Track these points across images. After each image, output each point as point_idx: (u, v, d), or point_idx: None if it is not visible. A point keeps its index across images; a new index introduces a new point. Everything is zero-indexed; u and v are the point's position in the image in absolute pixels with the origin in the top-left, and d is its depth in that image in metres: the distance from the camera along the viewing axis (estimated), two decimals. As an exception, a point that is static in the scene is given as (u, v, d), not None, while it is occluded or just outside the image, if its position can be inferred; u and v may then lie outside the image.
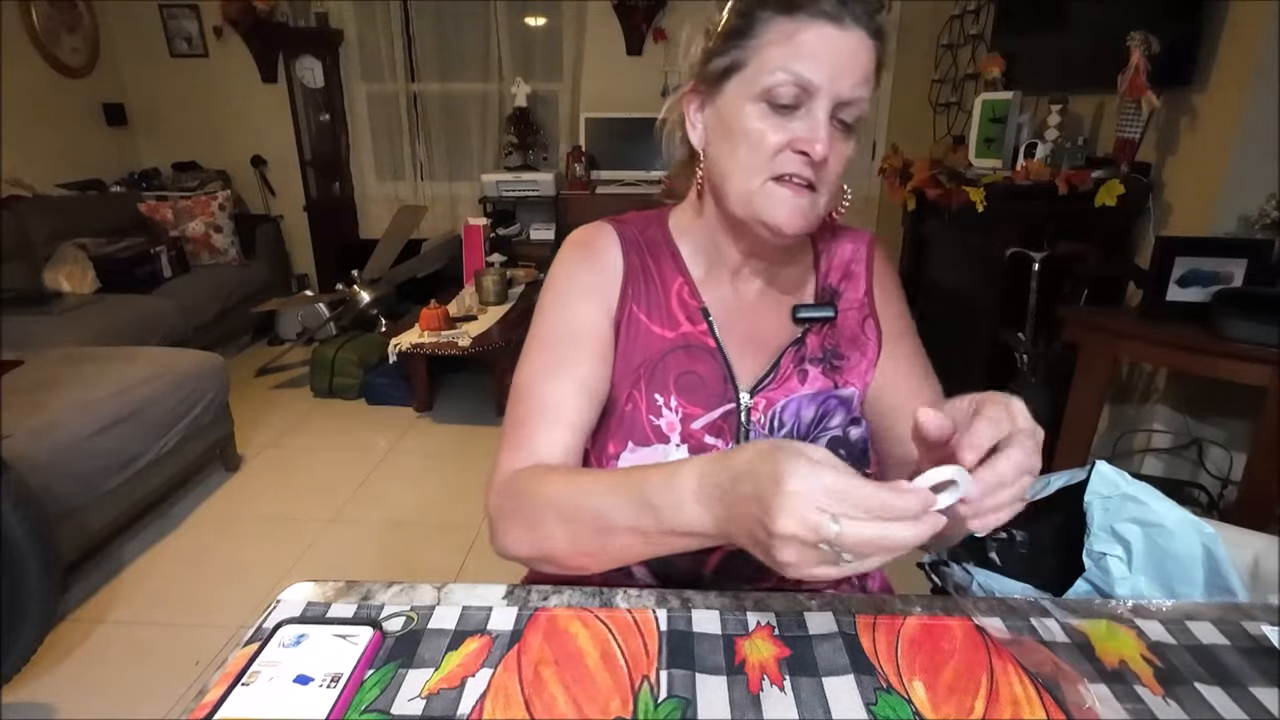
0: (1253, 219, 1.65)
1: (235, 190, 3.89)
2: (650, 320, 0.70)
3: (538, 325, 0.70)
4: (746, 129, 0.61)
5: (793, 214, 0.61)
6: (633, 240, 0.73)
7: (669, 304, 0.71)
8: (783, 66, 0.58)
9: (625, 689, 0.49)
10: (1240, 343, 1.48)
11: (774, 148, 0.60)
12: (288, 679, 0.49)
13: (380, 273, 3.37)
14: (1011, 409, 0.47)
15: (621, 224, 0.74)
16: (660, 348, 0.69)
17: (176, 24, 3.80)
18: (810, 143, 0.58)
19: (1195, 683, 0.51)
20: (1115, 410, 2.05)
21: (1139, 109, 1.81)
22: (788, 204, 0.61)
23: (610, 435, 0.69)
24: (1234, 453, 1.77)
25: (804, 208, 0.61)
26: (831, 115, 0.59)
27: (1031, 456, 0.46)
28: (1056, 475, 1.03)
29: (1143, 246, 1.93)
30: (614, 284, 0.71)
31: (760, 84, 0.60)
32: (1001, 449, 0.46)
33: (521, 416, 0.65)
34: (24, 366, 2.02)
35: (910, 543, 0.41)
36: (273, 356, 3.42)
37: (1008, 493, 0.46)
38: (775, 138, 0.60)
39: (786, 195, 0.61)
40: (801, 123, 0.59)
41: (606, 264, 0.71)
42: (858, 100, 0.59)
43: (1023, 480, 0.46)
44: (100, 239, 3.11)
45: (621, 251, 0.72)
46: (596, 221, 0.75)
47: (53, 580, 1.54)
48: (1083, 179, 1.86)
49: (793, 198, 0.61)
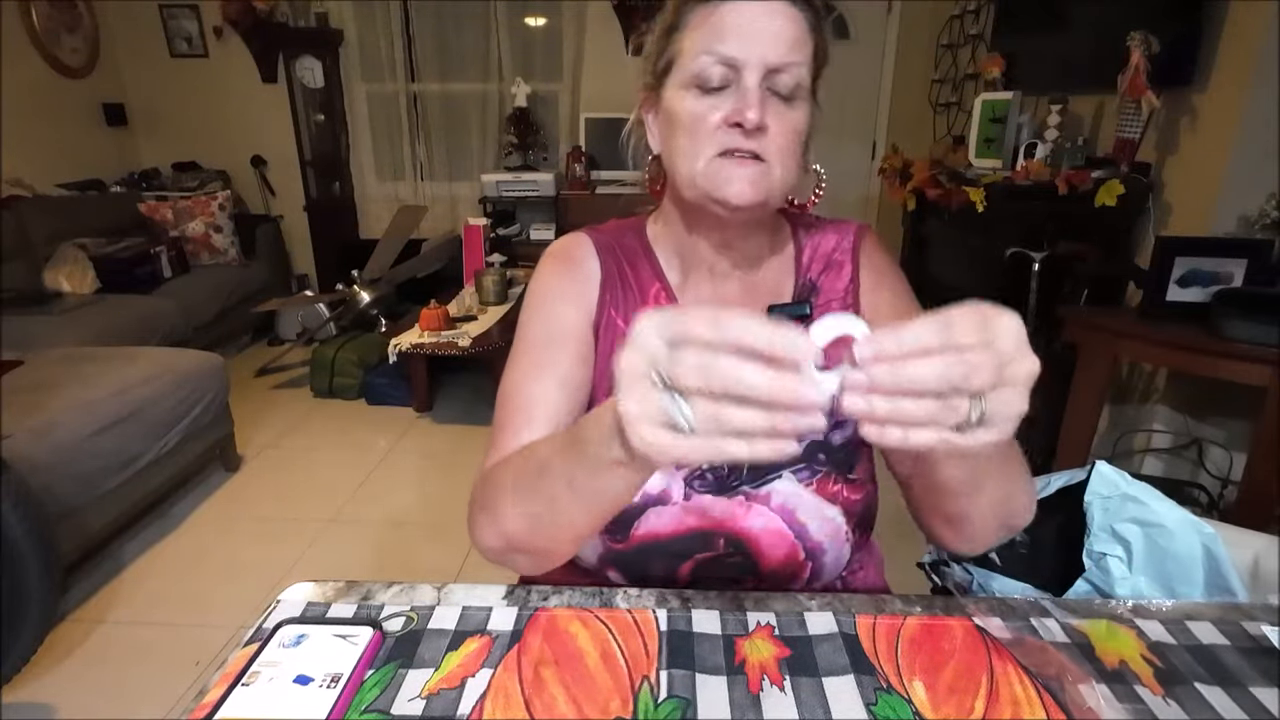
0: (1253, 219, 1.65)
1: (235, 190, 3.89)
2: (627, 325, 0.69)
3: (519, 334, 0.69)
4: (683, 115, 0.62)
5: (740, 184, 0.60)
6: (608, 247, 0.73)
7: (646, 307, 0.70)
8: (706, 49, 0.59)
9: (625, 689, 0.49)
10: (1240, 343, 1.48)
11: (711, 126, 0.60)
12: (288, 679, 0.49)
13: (380, 273, 3.37)
14: (991, 323, 0.36)
15: (598, 232, 0.75)
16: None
17: (176, 24, 3.80)
18: (740, 112, 0.58)
19: (1195, 683, 0.51)
20: (1115, 410, 2.05)
21: (1139, 109, 1.81)
22: (733, 175, 0.60)
23: None
24: (1234, 453, 1.77)
25: (751, 177, 0.60)
26: (765, 86, 0.59)
27: (981, 369, 0.35)
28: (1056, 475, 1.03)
29: (1143, 246, 1.93)
30: (592, 290, 0.70)
31: (689, 70, 0.61)
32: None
33: (504, 420, 0.65)
34: (24, 366, 2.02)
35: (764, 390, 0.33)
36: (273, 356, 3.42)
37: (918, 372, 0.34)
38: (710, 117, 0.60)
39: (731, 167, 0.60)
40: (733, 98, 0.60)
41: (584, 272, 0.71)
42: (788, 66, 0.59)
43: (952, 376, 0.34)
44: (100, 239, 3.11)
45: (598, 259, 0.72)
46: (573, 232, 0.75)
47: (53, 580, 1.54)
48: (1083, 179, 1.86)
49: (737, 168, 0.60)
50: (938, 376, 0.35)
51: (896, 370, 0.35)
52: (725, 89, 0.60)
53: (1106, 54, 1.85)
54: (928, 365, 0.35)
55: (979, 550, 0.63)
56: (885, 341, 0.35)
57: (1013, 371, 0.37)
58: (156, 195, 3.58)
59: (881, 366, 0.35)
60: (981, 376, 0.35)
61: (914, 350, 0.35)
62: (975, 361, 0.35)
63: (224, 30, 3.74)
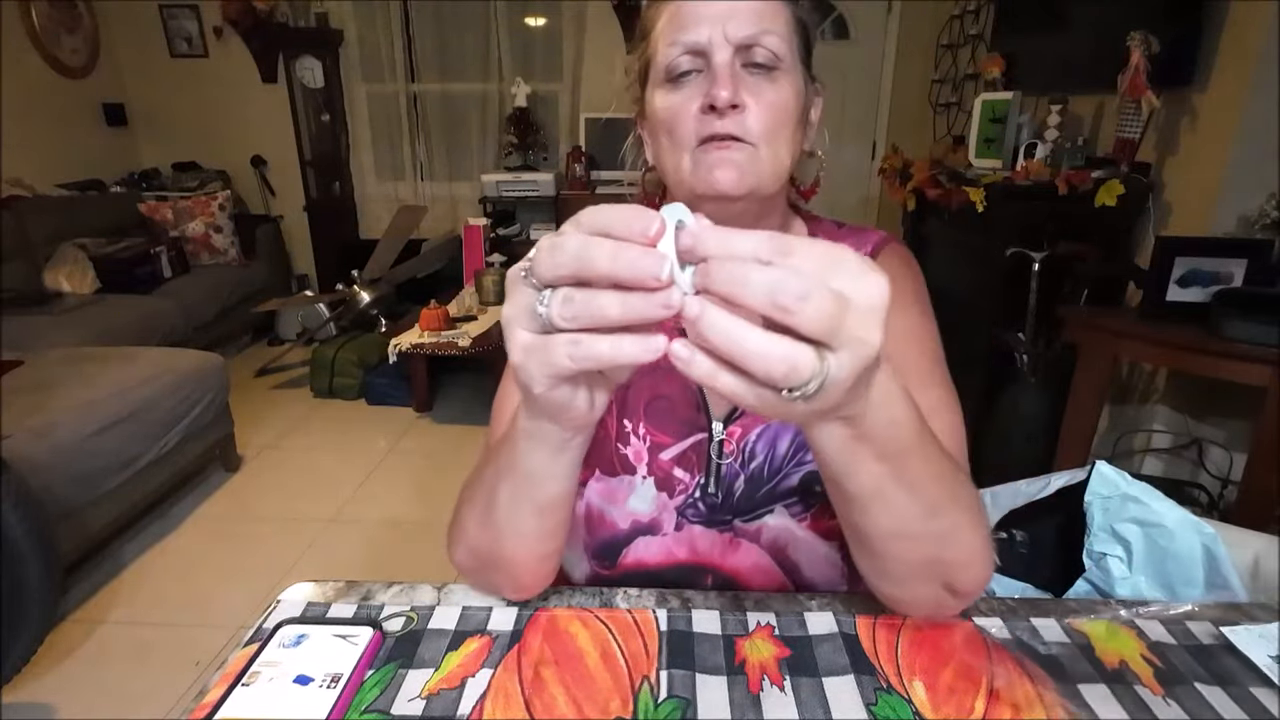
0: (1253, 219, 1.65)
1: (235, 190, 3.89)
2: None
3: None
4: (661, 113, 0.59)
5: (724, 169, 0.56)
6: None
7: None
8: (671, 40, 0.57)
9: (625, 689, 0.49)
10: (1240, 343, 1.48)
11: (688, 117, 0.57)
12: (288, 679, 0.49)
13: (380, 273, 3.37)
14: (842, 266, 0.31)
15: None
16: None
17: (176, 24, 3.80)
18: (713, 94, 0.55)
19: (1195, 683, 0.51)
20: (1115, 410, 2.05)
21: (1139, 109, 1.81)
22: (718, 163, 0.56)
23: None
24: (1234, 453, 1.77)
25: (738, 162, 0.56)
26: (739, 63, 0.56)
27: (820, 300, 0.30)
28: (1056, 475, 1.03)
29: (1143, 246, 1.93)
30: None
31: (661, 67, 0.59)
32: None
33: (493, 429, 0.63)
34: (24, 366, 2.02)
35: (606, 264, 0.31)
36: (273, 357, 3.42)
37: (739, 272, 0.30)
38: (686, 108, 0.57)
39: (714, 154, 0.56)
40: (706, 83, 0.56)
41: None
42: (760, 36, 0.55)
43: (784, 289, 0.29)
44: (100, 239, 3.11)
45: None
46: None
47: (53, 580, 1.54)
48: (1083, 179, 1.86)
49: (722, 154, 0.56)
50: (766, 286, 0.29)
51: (719, 267, 0.30)
52: (699, 76, 0.57)
53: (1106, 54, 1.85)
54: (757, 270, 0.30)
55: (910, 612, 0.54)
56: (710, 233, 0.31)
57: (858, 332, 0.31)
58: (156, 195, 3.58)
59: (704, 258, 0.31)
60: (820, 308, 0.30)
61: (742, 252, 0.31)
62: (814, 289, 0.30)
63: (224, 30, 3.75)
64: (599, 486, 0.65)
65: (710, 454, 0.65)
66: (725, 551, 0.65)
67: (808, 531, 0.64)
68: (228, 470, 2.43)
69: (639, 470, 0.65)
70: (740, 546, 0.65)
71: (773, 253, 0.31)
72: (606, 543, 0.66)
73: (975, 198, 2.08)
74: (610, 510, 0.65)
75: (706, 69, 0.57)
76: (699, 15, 0.56)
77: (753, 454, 0.64)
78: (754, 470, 0.64)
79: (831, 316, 0.30)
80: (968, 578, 0.49)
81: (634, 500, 0.65)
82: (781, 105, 0.57)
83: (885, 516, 0.45)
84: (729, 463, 0.64)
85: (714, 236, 0.31)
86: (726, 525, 0.65)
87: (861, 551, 0.50)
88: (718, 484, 0.64)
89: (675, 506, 0.65)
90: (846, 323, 0.30)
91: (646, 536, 0.65)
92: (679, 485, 0.65)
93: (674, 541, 0.65)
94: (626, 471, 0.65)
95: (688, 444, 0.65)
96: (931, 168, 2.44)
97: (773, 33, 0.56)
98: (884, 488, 0.43)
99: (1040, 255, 1.90)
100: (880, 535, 0.46)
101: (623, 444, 0.65)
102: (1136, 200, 1.89)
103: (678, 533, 0.65)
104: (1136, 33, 1.75)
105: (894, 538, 0.46)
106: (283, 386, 3.19)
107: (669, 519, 0.65)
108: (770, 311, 0.30)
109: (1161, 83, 1.77)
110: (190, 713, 0.47)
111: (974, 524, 0.48)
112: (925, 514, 0.45)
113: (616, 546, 0.65)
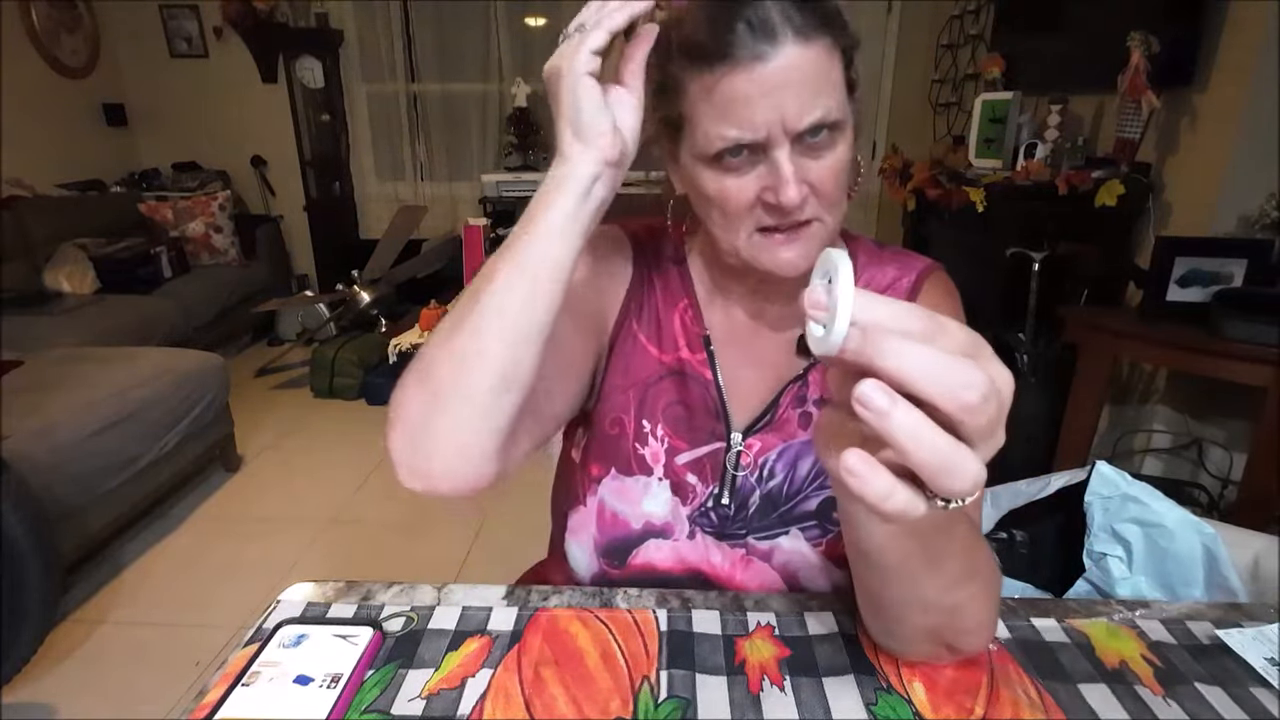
0: (1253, 219, 1.65)
1: (235, 190, 3.88)
2: (647, 340, 0.66)
3: None
4: (709, 193, 0.54)
5: (789, 256, 0.54)
6: (643, 250, 0.67)
7: (671, 325, 0.66)
8: (718, 134, 0.50)
9: (625, 689, 0.49)
10: (1240, 343, 1.48)
11: (744, 206, 0.53)
12: (288, 679, 0.49)
13: (380, 273, 3.37)
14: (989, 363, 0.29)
15: (635, 233, 0.68)
16: (653, 371, 0.65)
17: (176, 24, 3.80)
18: (775, 192, 0.51)
19: (1195, 683, 0.51)
20: (1115, 410, 2.05)
21: (1139, 109, 1.81)
22: (780, 252, 0.54)
23: (593, 457, 0.66)
24: (1234, 453, 1.77)
25: (801, 250, 0.54)
26: (797, 143, 0.50)
27: (988, 399, 0.27)
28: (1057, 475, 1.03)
29: (1143, 246, 1.93)
30: (618, 288, 0.66)
31: (702, 150, 0.52)
32: None
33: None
34: (24, 366, 2.02)
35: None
36: (273, 357, 3.42)
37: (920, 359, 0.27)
38: (740, 197, 0.53)
39: (776, 245, 0.54)
40: (763, 170, 0.52)
41: (614, 266, 0.66)
42: (819, 117, 0.49)
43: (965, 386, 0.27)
44: (100, 239, 3.11)
45: (632, 259, 0.67)
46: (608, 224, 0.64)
47: (53, 580, 1.54)
48: (1083, 179, 1.86)
49: (783, 246, 0.54)
50: (948, 378, 0.27)
51: (886, 342, 0.27)
52: (750, 155, 0.51)
53: (1106, 54, 1.85)
54: (932, 356, 0.27)
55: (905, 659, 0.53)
56: (876, 303, 0.28)
57: (999, 432, 0.29)
58: (156, 195, 3.58)
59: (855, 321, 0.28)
60: (990, 413, 0.27)
61: (901, 326, 0.28)
62: (991, 392, 0.27)
63: (224, 30, 3.74)
64: (614, 485, 0.65)
65: (726, 464, 0.64)
66: (736, 568, 0.65)
67: (821, 557, 0.63)
68: (228, 470, 2.43)
69: (655, 472, 0.64)
70: (751, 565, 0.64)
71: (927, 332, 0.28)
72: (617, 541, 0.65)
73: (975, 198, 2.08)
74: (623, 509, 0.65)
75: (761, 154, 0.51)
76: (750, 103, 0.48)
77: (772, 473, 0.63)
78: (772, 490, 0.63)
79: (996, 422, 0.28)
80: (970, 642, 0.50)
81: (648, 502, 0.64)
82: (842, 168, 0.53)
83: (904, 587, 0.45)
84: (744, 475, 0.64)
85: (883, 307, 0.28)
86: (739, 541, 0.64)
87: (871, 611, 0.51)
88: (731, 495, 0.64)
89: (687, 515, 0.64)
90: (998, 425, 0.28)
91: (659, 540, 0.65)
92: (692, 492, 0.64)
93: (686, 548, 0.65)
94: (643, 472, 0.65)
95: (704, 451, 0.64)
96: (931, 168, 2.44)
97: (830, 109, 0.50)
98: (910, 562, 0.43)
99: (1040, 255, 1.90)
100: (895, 602, 0.48)
101: (640, 444, 0.65)
102: (1136, 200, 1.88)
103: (690, 540, 0.64)
104: (1136, 33, 1.75)
105: (908, 605, 0.47)
106: (283, 386, 3.19)
107: (681, 525, 0.64)
108: (948, 406, 0.27)
109: (1161, 83, 1.77)
110: (190, 713, 0.47)
111: (986, 595, 0.48)
112: (944, 588, 0.45)
113: (627, 546, 0.65)
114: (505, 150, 3.90)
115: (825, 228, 0.55)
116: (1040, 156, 2.03)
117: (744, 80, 0.48)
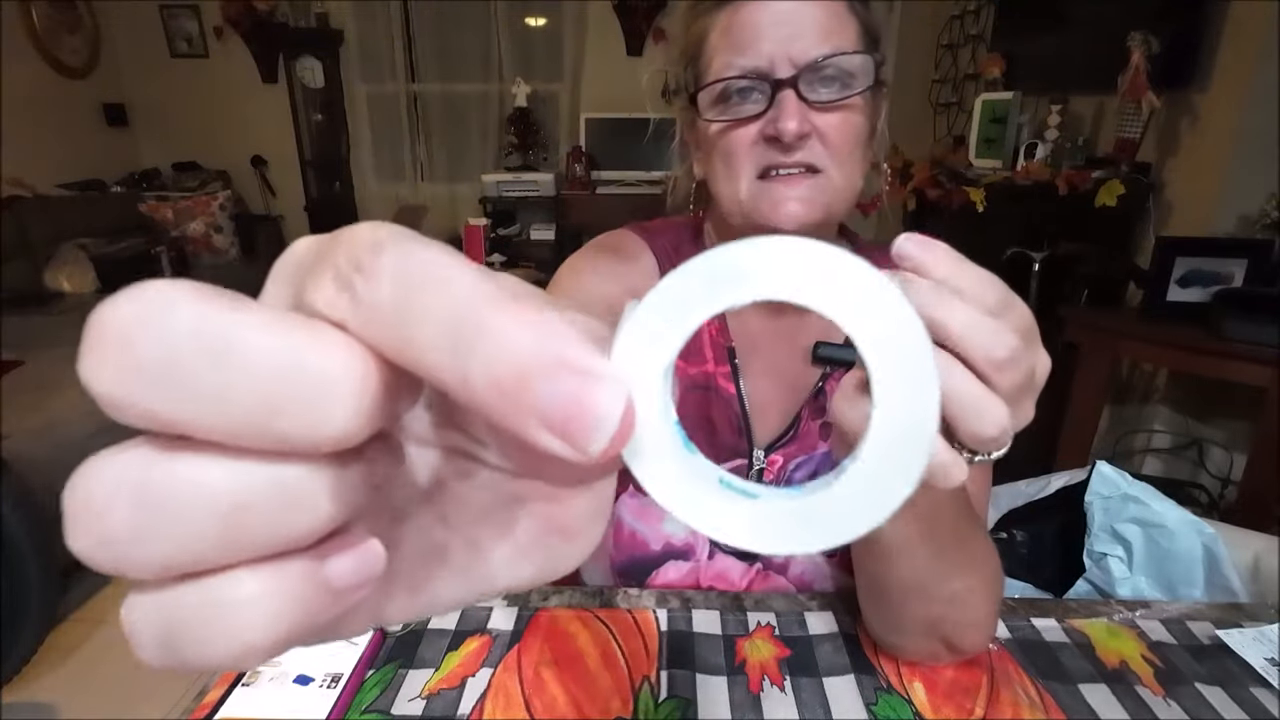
0: (1253, 219, 1.65)
1: (235, 190, 3.88)
2: None
3: None
4: (716, 137, 0.55)
5: (791, 204, 0.52)
6: (666, 254, 0.64)
7: (699, 336, 0.63)
8: (727, 61, 0.52)
9: (625, 689, 0.49)
10: (1240, 343, 1.48)
11: (746, 145, 0.53)
12: (288, 679, 0.49)
13: (380, 273, 3.37)
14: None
15: (650, 235, 0.66)
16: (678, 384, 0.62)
17: (176, 24, 3.80)
18: (775, 123, 0.50)
19: (1195, 683, 0.51)
20: (1115, 410, 2.05)
21: (1139, 109, 1.81)
22: (780, 196, 0.52)
23: None
24: (1234, 453, 1.77)
25: (803, 194, 0.52)
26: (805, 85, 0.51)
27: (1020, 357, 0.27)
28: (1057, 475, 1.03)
29: (1143, 246, 1.93)
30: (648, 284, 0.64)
31: (714, 89, 0.53)
32: None
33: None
34: (24, 366, 2.02)
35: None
36: (273, 356, 3.42)
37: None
38: (744, 134, 0.53)
39: (776, 188, 0.53)
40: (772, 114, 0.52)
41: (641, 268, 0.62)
42: (826, 52, 0.50)
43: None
44: (100, 239, 3.11)
45: (657, 265, 0.63)
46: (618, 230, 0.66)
47: (53, 580, 1.54)
48: (1083, 179, 1.86)
49: (784, 188, 0.52)
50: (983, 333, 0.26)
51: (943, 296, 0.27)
52: (758, 95, 0.52)
53: (1106, 54, 1.85)
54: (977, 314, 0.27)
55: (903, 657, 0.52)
56: (946, 255, 0.28)
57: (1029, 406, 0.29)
58: (157, 195, 3.58)
59: (915, 270, 0.28)
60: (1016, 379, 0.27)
61: (974, 291, 0.27)
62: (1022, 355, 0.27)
63: (224, 30, 3.74)
64: (633, 503, 0.63)
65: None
66: (753, 583, 0.64)
67: (836, 569, 0.63)
68: (228, 470, 2.43)
69: None
70: (768, 579, 0.64)
71: (1000, 304, 0.28)
72: (636, 561, 0.64)
73: (975, 198, 2.08)
74: (642, 529, 0.63)
75: (768, 91, 0.51)
76: (758, 30, 0.51)
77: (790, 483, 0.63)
78: None
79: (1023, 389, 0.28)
80: (969, 639, 0.50)
81: (669, 524, 0.63)
82: (853, 125, 0.52)
83: (906, 571, 0.45)
84: None
85: (950, 261, 0.28)
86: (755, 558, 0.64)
87: (872, 601, 0.51)
88: None
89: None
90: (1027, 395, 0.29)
91: (678, 561, 0.63)
92: None
93: (705, 570, 0.64)
94: None
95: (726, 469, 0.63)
96: (932, 168, 2.44)
97: (842, 46, 0.51)
98: (912, 543, 0.43)
99: (1040, 255, 1.90)
100: (897, 588, 0.47)
101: None
102: (1136, 200, 1.88)
103: (710, 561, 0.63)
104: (1136, 33, 1.75)
105: (909, 592, 0.47)
106: (283, 386, 3.19)
107: (702, 545, 0.63)
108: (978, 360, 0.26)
109: (1161, 83, 1.77)
110: (190, 713, 0.47)
111: (987, 589, 0.48)
112: (945, 574, 0.45)
113: (646, 567, 0.64)
114: (505, 150, 3.90)
115: (830, 183, 0.53)
116: (1040, 156, 2.03)
117: (756, 10, 0.51)
